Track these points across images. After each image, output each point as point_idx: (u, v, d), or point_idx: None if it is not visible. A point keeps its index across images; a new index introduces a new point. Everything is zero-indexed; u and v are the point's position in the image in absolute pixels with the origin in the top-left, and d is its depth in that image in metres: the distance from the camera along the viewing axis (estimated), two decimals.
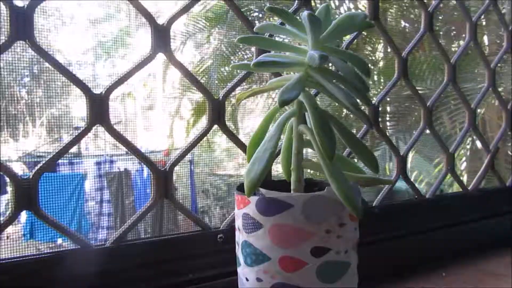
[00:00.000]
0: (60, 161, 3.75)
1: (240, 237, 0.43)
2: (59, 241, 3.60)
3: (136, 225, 0.51)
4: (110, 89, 0.48)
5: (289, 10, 0.61)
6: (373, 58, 3.87)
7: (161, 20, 0.52)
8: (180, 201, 0.54)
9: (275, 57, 0.40)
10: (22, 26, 0.43)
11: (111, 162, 3.57)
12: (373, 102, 0.70)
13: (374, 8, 0.69)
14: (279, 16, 0.40)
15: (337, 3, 3.42)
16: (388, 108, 3.46)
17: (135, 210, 3.29)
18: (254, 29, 0.44)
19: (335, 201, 0.39)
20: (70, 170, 3.67)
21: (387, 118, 3.77)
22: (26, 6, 0.44)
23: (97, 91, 0.47)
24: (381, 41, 3.88)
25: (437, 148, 0.83)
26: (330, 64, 0.44)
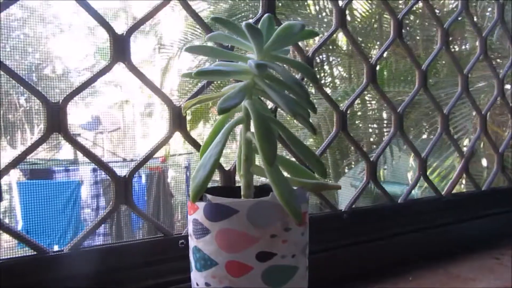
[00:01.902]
0: (56, 168, 3.76)
1: (191, 242, 0.44)
2: (56, 247, 3.60)
3: (95, 230, 0.51)
4: (67, 98, 0.49)
5: (253, 19, 0.62)
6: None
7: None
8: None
9: (220, 65, 0.41)
10: None
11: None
12: (341, 108, 0.71)
13: (340, 16, 0.70)
14: (224, 27, 0.41)
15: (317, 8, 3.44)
16: (385, 115, 3.47)
17: (131, 218, 3.30)
18: (206, 38, 0.45)
19: (280, 206, 0.40)
20: (66, 177, 3.68)
21: (384, 125, 3.78)
22: None
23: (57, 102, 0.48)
24: (376, 46, 3.90)
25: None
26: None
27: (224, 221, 0.41)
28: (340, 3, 0.71)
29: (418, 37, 3.58)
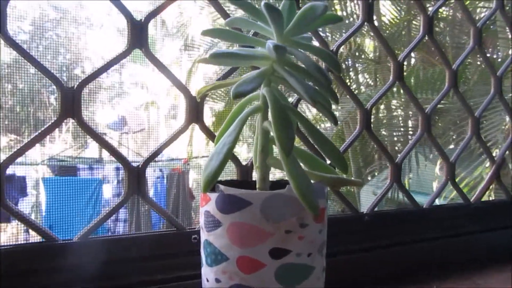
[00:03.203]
0: (80, 165, 3.82)
1: (202, 236, 0.42)
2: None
3: (105, 221, 0.50)
4: (82, 83, 0.48)
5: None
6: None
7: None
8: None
9: (237, 50, 0.39)
10: None
11: None
12: (366, 106, 0.68)
13: (368, 10, 0.67)
14: (243, 9, 0.39)
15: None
16: (410, 123, 3.39)
17: (150, 219, 3.32)
18: (224, 23, 0.43)
19: (296, 200, 0.37)
20: (90, 175, 3.73)
21: (410, 133, 3.70)
22: None
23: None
24: (402, 48, 3.82)
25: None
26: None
27: (236, 213, 0.38)
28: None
29: (447, 44, 3.50)
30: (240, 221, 0.38)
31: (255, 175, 0.57)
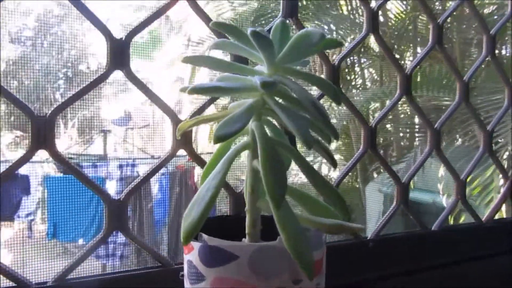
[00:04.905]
0: (84, 163, 3.82)
1: (185, 285, 0.38)
2: (80, 241, 3.66)
3: (84, 260, 0.46)
4: (56, 111, 0.44)
5: (272, 23, 0.54)
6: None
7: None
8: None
9: (222, 80, 0.34)
10: None
11: (133, 166, 3.58)
12: (370, 124, 0.63)
13: (372, 20, 0.62)
14: (228, 35, 0.34)
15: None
16: (416, 120, 3.33)
17: (154, 216, 3.29)
18: (210, 46, 0.38)
19: (288, 253, 0.33)
20: (93, 173, 3.71)
21: (416, 129, 3.63)
22: None
23: None
24: (411, 47, 3.75)
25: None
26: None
27: (221, 267, 0.34)
28: (374, 3, 0.63)
29: (454, 40, 3.42)
30: (225, 276, 0.34)
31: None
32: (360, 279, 0.60)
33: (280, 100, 0.35)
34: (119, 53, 0.46)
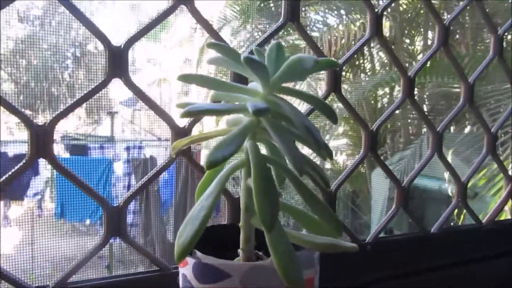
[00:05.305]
0: (91, 145, 3.84)
1: None
2: (88, 221, 3.71)
3: (83, 265, 0.46)
4: (55, 120, 0.44)
5: (274, 27, 0.54)
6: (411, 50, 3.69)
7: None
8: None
9: (217, 97, 0.34)
10: None
11: (140, 148, 3.61)
12: (372, 128, 0.63)
13: (376, 23, 0.61)
14: (221, 54, 0.34)
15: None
16: (425, 108, 3.30)
17: (160, 198, 3.32)
18: (206, 61, 0.38)
19: None
20: (100, 154, 3.75)
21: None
22: None
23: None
24: (421, 31, 3.69)
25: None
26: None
27: (213, 284, 0.35)
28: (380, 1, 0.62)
29: (467, 25, 3.35)
30: None
31: None
32: (358, 283, 0.61)
33: (274, 121, 0.34)
34: (117, 62, 0.46)
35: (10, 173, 0.43)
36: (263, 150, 0.38)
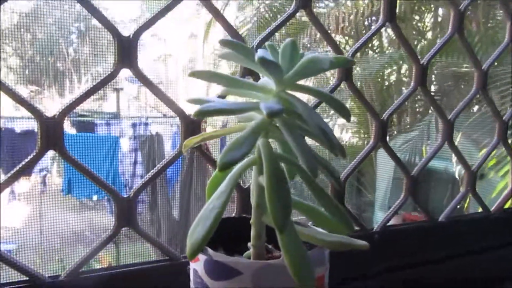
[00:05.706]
0: (98, 121, 3.84)
1: None
2: (95, 197, 3.74)
3: (95, 256, 0.47)
4: (63, 112, 0.44)
5: (284, 15, 0.53)
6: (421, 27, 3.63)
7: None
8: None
9: (225, 102, 0.34)
10: None
11: (146, 124, 3.61)
12: (382, 116, 0.62)
13: (390, 8, 0.59)
14: (234, 51, 0.33)
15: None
16: (433, 87, 3.26)
17: (166, 175, 3.34)
18: (218, 56, 0.37)
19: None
20: (107, 131, 3.75)
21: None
22: None
23: None
24: (432, 8, 3.61)
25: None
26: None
27: (225, 282, 0.35)
28: None
29: (479, 1, 3.27)
30: None
31: None
32: (365, 272, 0.61)
33: (288, 120, 0.34)
34: (126, 52, 0.45)
35: (21, 164, 0.43)
36: (273, 144, 0.38)
